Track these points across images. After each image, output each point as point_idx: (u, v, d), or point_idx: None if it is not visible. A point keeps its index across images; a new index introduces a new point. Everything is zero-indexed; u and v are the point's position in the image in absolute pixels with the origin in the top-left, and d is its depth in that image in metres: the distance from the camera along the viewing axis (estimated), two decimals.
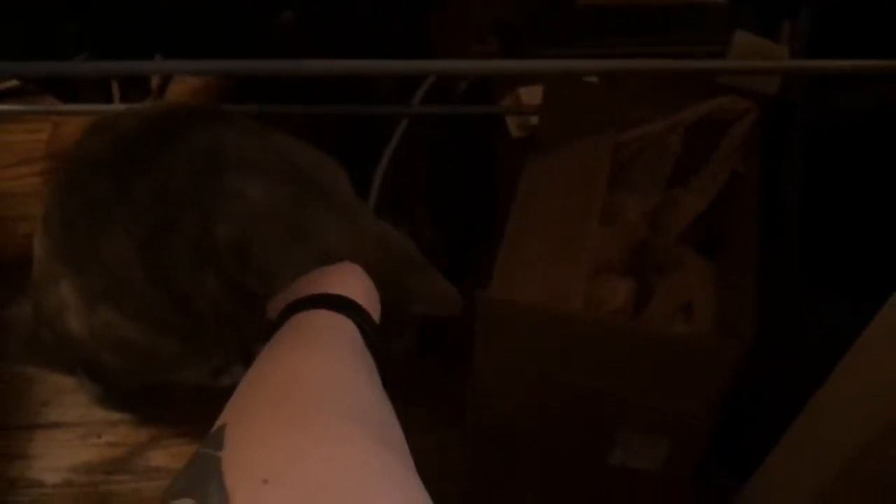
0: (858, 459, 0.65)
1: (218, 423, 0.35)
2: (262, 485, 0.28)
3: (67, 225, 0.72)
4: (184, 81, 1.28)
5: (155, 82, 1.21)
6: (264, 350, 0.44)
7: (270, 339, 0.46)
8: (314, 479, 0.30)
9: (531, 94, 1.15)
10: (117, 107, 1.07)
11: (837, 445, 0.67)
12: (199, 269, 0.69)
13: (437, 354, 0.98)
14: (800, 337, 0.84)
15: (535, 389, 0.86)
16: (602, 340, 0.79)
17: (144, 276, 0.70)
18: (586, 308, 0.81)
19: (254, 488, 0.28)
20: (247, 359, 0.71)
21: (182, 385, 0.82)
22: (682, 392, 0.80)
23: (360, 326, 0.49)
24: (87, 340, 0.73)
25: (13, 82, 1.20)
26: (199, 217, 0.68)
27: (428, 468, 0.98)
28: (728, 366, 0.75)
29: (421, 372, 0.98)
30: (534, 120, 1.11)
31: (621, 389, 0.82)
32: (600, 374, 0.81)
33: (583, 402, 0.85)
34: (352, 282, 0.55)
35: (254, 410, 0.36)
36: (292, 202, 0.69)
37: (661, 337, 0.79)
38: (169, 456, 0.91)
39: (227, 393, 0.39)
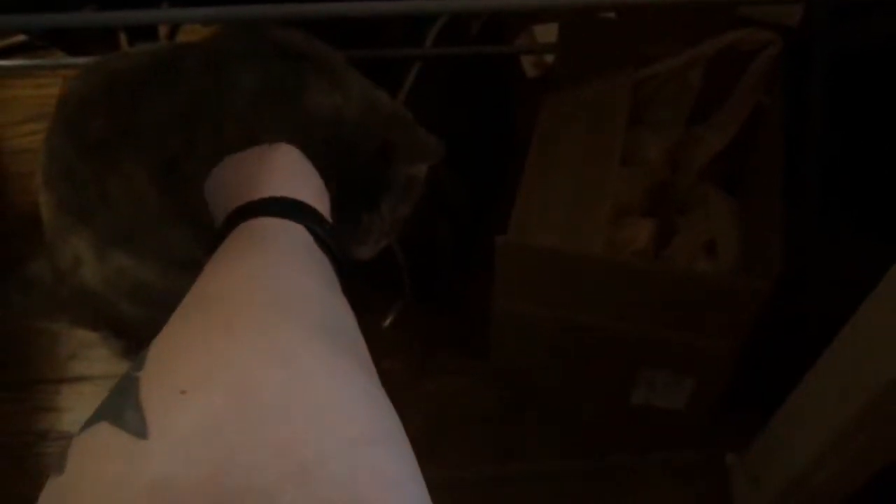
0: (884, 395, 0.65)
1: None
2: (178, 396, 0.26)
3: (68, 173, 0.70)
4: (194, 31, 1.25)
5: (163, 32, 1.19)
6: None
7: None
8: (242, 385, 0.26)
9: (546, 33, 1.12)
10: None
11: (862, 381, 0.67)
12: None
13: (433, 300, 0.98)
14: (824, 271, 0.83)
15: (556, 333, 0.86)
16: (624, 281, 0.78)
17: (161, 210, 0.68)
18: (608, 250, 0.80)
19: (169, 401, 0.26)
20: None
21: None
22: (707, 331, 0.79)
23: (310, 230, 0.43)
24: (102, 292, 0.72)
25: (19, 37, 1.19)
26: (210, 129, 0.67)
27: (452, 412, 0.99)
28: (753, 303, 0.74)
29: (444, 319, 0.98)
30: (549, 59, 1.09)
31: (645, 330, 0.81)
32: (623, 316, 0.80)
33: (605, 344, 0.84)
34: (293, 175, 0.50)
35: (178, 324, 0.32)
36: (280, 74, 0.67)
37: (685, 276, 0.78)
38: None
39: None
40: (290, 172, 0.50)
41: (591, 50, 0.93)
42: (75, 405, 0.93)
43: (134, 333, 0.83)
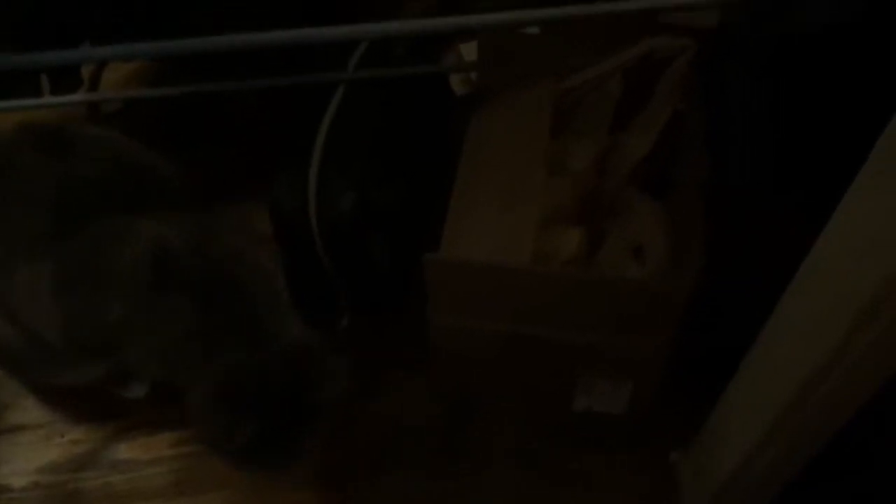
0: (814, 382, 0.66)
1: None
2: None
3: None
4: (117, 69, 1.25)
5: (87, 72, 1.18)
6: None
7: None
8: None
9: (473, 50, 1.14)
10: (49, 100, 1.04)
11: (790, 371, 0.68)
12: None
13: (374, 319, 0.99)
14: (752, 268, 0.85)
15: (493, 345, 0.86)
16: (554, 291, 0.79)
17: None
18: (539, 260, 0.81)
19: None
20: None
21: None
22: (639, 334, 0.80)
23: None
24: None
25: None
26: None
27: (399, 429, 0.99)
28: (680, 305, 0.75)
29: (387, 336, 0.98)
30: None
31: (579, 338, 0.82)
32: (556, 325, 0.81)
33: (542, 354, 0.85)
34: None
35: None
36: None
37: (611, 283, 0.79)
38: (137, 447, 0.91)
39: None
40: None
41: (513, 64, 0.95)
42: (11, 456, 0.90)
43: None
